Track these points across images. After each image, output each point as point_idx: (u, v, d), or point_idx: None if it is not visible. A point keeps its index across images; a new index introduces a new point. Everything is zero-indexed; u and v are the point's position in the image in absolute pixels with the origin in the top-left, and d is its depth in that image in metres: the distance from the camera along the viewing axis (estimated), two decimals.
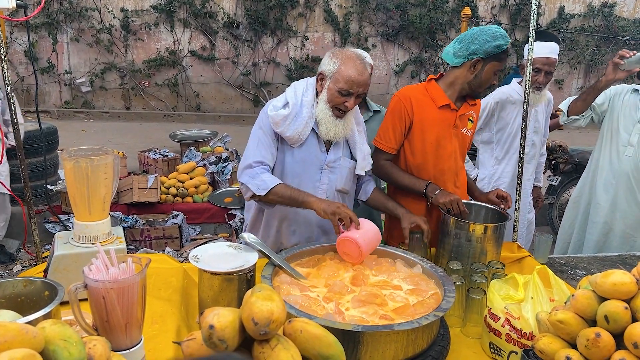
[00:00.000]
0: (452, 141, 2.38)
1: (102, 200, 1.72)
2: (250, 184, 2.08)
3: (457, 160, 2.42)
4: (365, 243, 1.86)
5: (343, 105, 2.08)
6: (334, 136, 2.14)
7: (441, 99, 2.35)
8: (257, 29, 9.70)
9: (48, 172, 4.71)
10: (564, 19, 10.51)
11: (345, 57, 2.07)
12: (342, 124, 2.13)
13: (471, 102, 2.40)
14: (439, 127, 2.35)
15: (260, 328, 1.01)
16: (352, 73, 2.03)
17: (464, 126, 2.40)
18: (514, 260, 2.34)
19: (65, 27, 9.33)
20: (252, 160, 2.13)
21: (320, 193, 2.21)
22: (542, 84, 3.12)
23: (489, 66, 2.27)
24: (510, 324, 1.62)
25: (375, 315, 1.57)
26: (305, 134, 2.15)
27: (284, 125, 2.12)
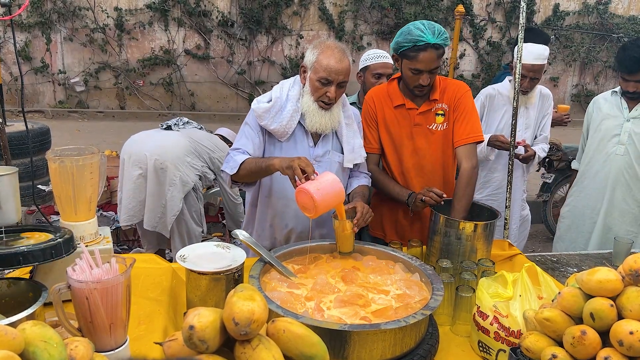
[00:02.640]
0: (414, 139, 2.38)
1: (88, 200, 1.71)
2: (226, 168, 2.14)
3: (425, 158, 2.40)
4: (319, 193, 1.75)
5: (325, 95, 2.08)
6: (319, 127, 2.13)
7: (396, 98, 2.37)
8: (251, 28, 9.68)
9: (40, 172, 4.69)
10: (558, 16, 10.52)
11: (324, 47, 2.08)
12: (328, 116, 2.13)
13: (432, 98, 2.34)
14: (399, 126, 2.38)
15: (241, 328, 1.00)
16: (330, 61, 2.03)
17: (430, 123, 2.37)
18: (505, 258, 2.33)
19: (59, 27, 9.29)
20: (231, 149, 2.18)
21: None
22: (528, 89, 3.14)
23: (403, 63, 2.25)
24: (499, 322, 1.62)
25: (356, 317, 1.56)
26: (291, 127, 2.16)
27: (267, 118, 2.13)
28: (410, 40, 2.15)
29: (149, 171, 3.24)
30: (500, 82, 3.43)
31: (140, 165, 3.26)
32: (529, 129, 3.31)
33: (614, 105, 2.91)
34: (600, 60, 11.04)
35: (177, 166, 3.22)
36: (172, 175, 3.22)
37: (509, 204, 2.62)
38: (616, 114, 2.89)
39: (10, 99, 8.78)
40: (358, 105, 3.12)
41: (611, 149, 2.87)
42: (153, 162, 3.22)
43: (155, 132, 3.53)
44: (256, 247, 1.84)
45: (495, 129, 3.27)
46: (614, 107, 2.91)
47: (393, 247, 2.07)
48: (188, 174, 3.29)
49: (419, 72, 2.20)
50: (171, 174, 3.22)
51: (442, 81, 2.40)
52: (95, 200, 1.74)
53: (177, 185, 3.25)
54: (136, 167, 3.27)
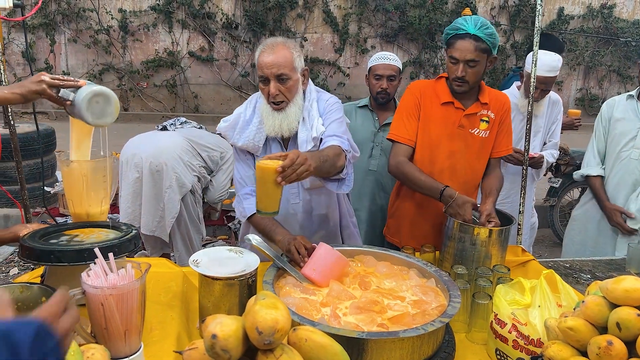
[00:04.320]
0: (453, 141, 2.33)
1: (100, 203, 1.69)
2: (237, 209, 2.16)
3: (459, 162, 2.35)
4: (317, 273, 1.76)
5: (268, 95, 1.99)
6: (273, 130, 2.03)
7: (445, 95, 2.32)
8: (255, 30, 9.67)
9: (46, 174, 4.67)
10: (563, 20, 10.50)
11: (260, 46, 2.00)
12: (280, 117, 2.01)
13: (483, 101, 2.33)
14: (441, 124, 2.33)
15: (265, 337, 0.98)
16: (262, 57, 1.96)
17: (474, 127, 2.33)
18: (518, 264, 2.30)
19: (63, 28, 9.29)
20: (237, 179, 2.18)
21: (292, 197, 2.19)
22: (538, 98, 3.10)
23: (447, 54, 2.27)
24: (517, 330, 1.59)
25: (373, 324, 1.53)
26: (260, 140, 2.09)
27: (232, 136, 2.11)
28: (453, 27, 2.21)
29: (145, 174, 3.18)
30: (508, 87, 3.40)
31: (137, 168, 3.21)
32: (537, 135, 3.27)
33: (629, 108, 2.89)
34: (605, 65, 11.01)
35: (173, 167, 3.16)
36: (169, 177, 3.17)
37: (522, 209, 2.59)
38: (631, 117, 2.86)
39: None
40: (369, 108, 3.10)
41: (626, 153, 2.84)
42: (149, 164, 3.16)
43: (151, 134, 3.47)
44: (269, 252, 1.82)
45: None
46: (629, 111, 2.88)
47: (406, 252, 2.04)
48: (185, 175, 3.23)
49: (456, 62, 2.20)
50: (167, 176, 3.16)
51: (488, 89, 2.39)
52: (108, 203, 1.73)
53: (174, 188, 3.19)
54: (133, 170, 3.22)
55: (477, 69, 2.22)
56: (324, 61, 9.99)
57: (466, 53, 2.17)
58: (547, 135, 3.34)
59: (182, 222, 3.29)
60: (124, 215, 3.31)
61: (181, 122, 3.60)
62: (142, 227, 3.27)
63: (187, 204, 3.28)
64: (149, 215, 3.24)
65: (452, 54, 2.20)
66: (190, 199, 3.30)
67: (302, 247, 1.86)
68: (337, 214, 2.33)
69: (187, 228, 3.30)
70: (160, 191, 3.18)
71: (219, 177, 3.43)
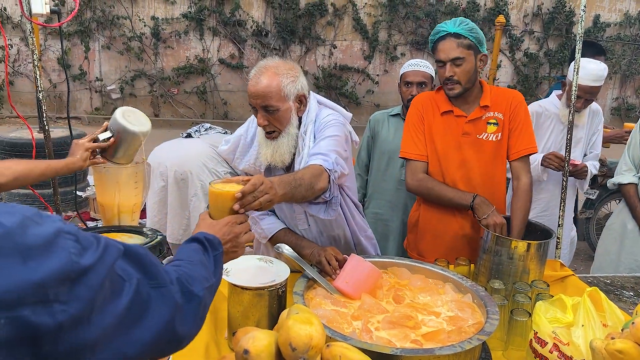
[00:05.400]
0: (462, 150, 2.26)
1: (131, 209, 1.68)
2: (254, 231, 2.08)
3: (473, 170, 2.27)
4: (349, 286, 1.72)
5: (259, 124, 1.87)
6: (265, 160, 1.92)
7: (443, 105, 2.27)
8: (285, 37, 9.71)
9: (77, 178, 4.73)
10: (599, 27, 10.26)
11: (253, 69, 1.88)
12: (272, 146, 1.89)
13: (483, 104, 2.24)
14: (445, 135, 2.27)
15: (299, 354, 0.94)
16: (249, 84, 1.85)
17: (481, 132, 2.25)
18: (557, 279, 2.21)
19: (97, 35, 9.48)
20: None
21: (301, 222, 2.07)
22: (581, 109, 3.00)
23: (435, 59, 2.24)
24: (559, 350, 1.51)
25: (406, 340, 1.47)
26: (262, 165, 1.98)
27: (234, 160, 2.05)
28: (434, 33, 2.19)
29: (170, 183, 3.17)
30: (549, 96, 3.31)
31: (163, 177, 3.20)
32: (578, 146, 3.16)
33: None
34: None
35: (198, 175, 3.14)
36: (194, 185, 3.15)
37: (562, 222, 2.50)
38: None
39: (49, 105, 8.99)
40: (402, 117, 3.03)
41: None
42: (174, 173, 3.15)
43: (176, 142, 3.45)
44: (300, 263, 1.78)
45: (543, 148, 3.13)
46: None
47: (440, 265, 1.98)
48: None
49: (442, 64, 2.16)
50: (193, 184, 3.14)
51: (494, 89, 2.31)
52: (139, 209, 1.72)
53: (199, 196, 3.18)
54: (159, 179, 3.21)
55: (465, 67, 2.15)
56: (353, 68, 9.97)
57: (449, 52, 2.13)
58: (588, 147, 3.23)
59: None
60: (150, 223, 3.31)
61: (206, 129, 3.59)
62: (168, 236, 3.26)
63: None
64: (175, 224, 3.23)
65: (438, 57, 2.17)
66: None
67: (333, 258, 1.82)
68: (349, 232, 2.20)
69: None
70: (186, 199, 3.17)
71: None
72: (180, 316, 0.87)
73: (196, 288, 0.95)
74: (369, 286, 1.75)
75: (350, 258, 1.80)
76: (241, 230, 1.29)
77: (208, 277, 1.04)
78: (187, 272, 0.97)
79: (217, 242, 1.18)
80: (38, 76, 2.03)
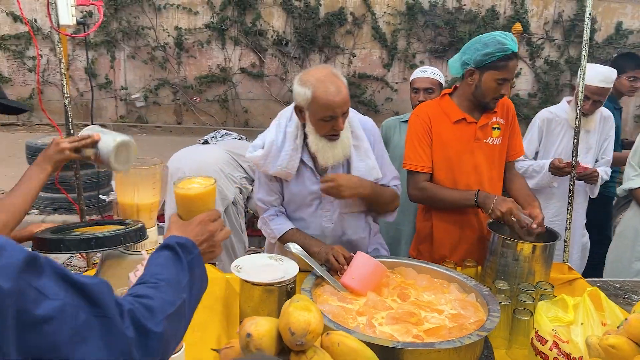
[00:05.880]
0: (474, 155, 2.32)
1: (150, 209, 1.78)
2: (264, 231, 2.18)
3: (483, 174, 2.34)
4: (356, 282, 1.79)
5: (332, 129, 1.96)
6: (334, 161, 2.03)
7: (455, 113, 2.31)
8: (305, 47, 9.84)
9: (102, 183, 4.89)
10: (621, 34, 10.14)
11: (315, 80, 1.90)
12: (339, 146, 2.01)
13: (491, 111, 2.31)
14: (458, 142, 2.31)
15: (297, 338, 1.01)
16: (329, 97, 1.87)
17: (487, 136, 2.33)
18: (564, 282, 2.24)
19: (123, 45, 9.73)
20: (258, 199, 2.19)
21: (325, 220, 2.15)
22: (590, 112, 3.01)
23: (486, 75, 2.18)
24: (559, 347, 1.55)
25: (408, 335, 1.53)
26: (293, 167, 2.06)
27: (264, 165, 2.07)
28: (501, 49, 2.13)
29: None
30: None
31: None
32: (589, 152, 3.18)
33: None
34: None
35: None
36: None
37: (569, 225, 2.52)
38: None
39: (76, 113, 9.25)
40: None
41: None
42: None
43: (194, 148, 3.54)
44: (308, 261, 1.86)
45: (554, 154, 3.15)
46: None
47: (447, 266, 2.03)
48: (227, 187, 3.28)
49: (505, 82, 2.18)
50: None
51: None
52: (157, 209, 1.81)
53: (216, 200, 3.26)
54: None
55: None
56: (372, 76, 10.03)
57: (513, 72, 2.18)
58: (600, 152, 3.23)
59: None
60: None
61: (222, 135, 3.68)
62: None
63: (229, 215, 3.34)
64: None
65: (503, 75, 2.14)
66: (233, 210, 3.35)
67: (341, 255, 1.89)
68: (367, 240, 2.29)
69: (230, 238, 3.36)
70: None
71: None
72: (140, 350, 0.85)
73: (152, 322, 0.88)
74: (375, 282, 1.81)
75: (356, 255, 1.87)
76: (216, 227, 1.20)
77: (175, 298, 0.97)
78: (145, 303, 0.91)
79: (191, 244, 1.10)
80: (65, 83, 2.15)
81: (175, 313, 0.95)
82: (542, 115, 3.20)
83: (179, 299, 0.98)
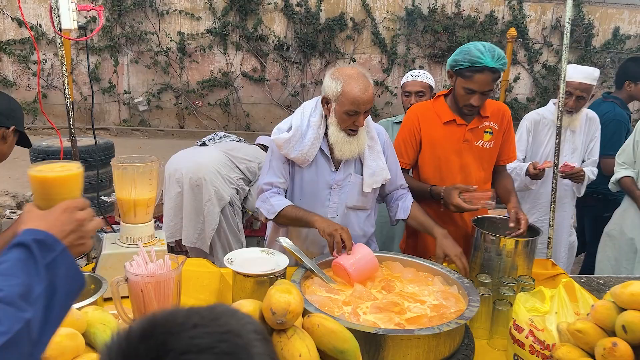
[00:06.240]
0: (462, 156, 2.41)
1: (146, 204, 1.86)
2: (262, 208, 2.19)
3: (470, 174, 2.42)
4: (354, 270, 1.86)
5: (353, 125, 2.08)
6: (349, 155, 2.14)
7: (445, 115, 2.39)
8: (306, 51, 9.95)
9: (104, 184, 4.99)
10: (619, 39, 10.22)
11: (346, 76, 2.03)
12: (356, 142, 2.13)
13: (484, 114, 2.38)
14: (447, 142, 2.40)
15: (277, 317, 1.09)
16: (356, 92, 2.00)
17: (478, 139, 2.40)
18: (547, 277, 2.32)
19: (126, 50, 9.86)
20: (263, 183, 2.23)
21: (331, 211, 2.23)
22: (573, 108, 3.08)
23: (458, 81, 2.27)
24: (534, 335, 1.63)
25: (390, 322, 1.61)
26: (312, 155, 2.16)
27: (287, 147, 2.14)
28: (469, 60, 2.18)
29: (186, 189, 3.30)
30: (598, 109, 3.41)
31: (179, 184, 3.33)
32: (575, 152, 3.25)
33: None
34: None
35: (212, 181, 3.26)
36: (208, 191, 3.27)
37: (552, 222, 2.60)
38: None
39: (80, 117, 9.37)
40: None
41: None
42: (189, 179, 3.28)
43: (192, 149, 3.59)
44: (298, 254, 1.93)
45: (541, 155, 3.23)
46: None
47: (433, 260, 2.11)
48: (223, 188, 3.32)
49: (472, 92, 2.23)
50: (207, 190, 3.27)
51: (490, 101, 2.44)
52: (153, 204, 1.89)
53: (213, 201, 3.28)
54: (175, 185, 3.34)
55: (490, 95, 2.29)
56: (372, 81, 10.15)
57: (484, 86, 2.20)
58: (586, 153, 3.31)
59: (222, 233, 3.42)
60: (166, 228, 3.43)
61: (220, 137, 3.73)
62: (183, 239, 3.39)
63: (226, 215, 3.40)
64: (190, 228, 3.37)
65: (469, 86, 2.21)
66: (229, 211, 3.41)
67: (349, 239, 1.94)
68: (365, 240, 2.35)
69: (227, 238, 3.43)
70: (200, 205, 3.30)
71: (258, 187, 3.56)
72: None
73: None
74: (367, 277, 1.90)
75: (360, 246, 1.95)
76: (84, 216, 1.00)
77: (11, 323, 0.77)
78: None
79: (52, 240, 0.90)
80: (66, 84, 2.24)
81: (9, 343, 0.75)
82: (530, 117, 3.28)
83: (19, 322, 0.77)
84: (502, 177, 2.54)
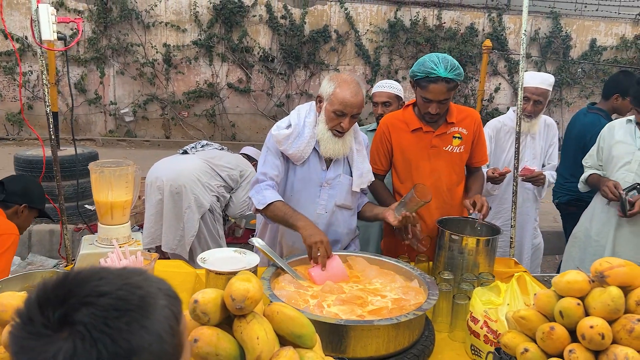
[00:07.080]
0: (432, 161, 2.53)
1: (123, 206, 1.95)
2: (254, 198, 2.27)
3: (440, 178, 2.54)
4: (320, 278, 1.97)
5: (339, 125, 2.22)
6: (332, 154, 2.28)
7: (413, 123, 2.52)
8: (290, 63, 10.08)
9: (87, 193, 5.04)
10: (595, 51, 10.49)
11: (340, 80, 2.22)
12: (340, 143, 2.27)
13: (450, 120, 2.50)
14: (416, 148, 2.53)
15: (237, 303, 1.18)
16: (346, 95, 2.16)
17: (447, 144, 2.52)
18: (510, 275, 2.42)
19: (112, 62, 9.93)
20: (259, 173, 2.33)
21: (320, 208, 2.36)
22: (532, 113, 3.21)
23: (417, 91, 2.42)
24: (488, 326, 1.74)
25: (352, 314, 1.71)
26: (307, 152, 2.31)
27: (286, 143, 2.28)
28: (423, 71, 2.32)
29: (166, 196, 3.38)
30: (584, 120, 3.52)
31: (159, 191, 3.41)
32: (536, 159, 3.37)
33: (628, 132, 2.90)
34: None
35: (192, 189, 3.34)
36: (188, 198, 3.34)
37: (514, 223, 2.72)
38: (629, 141, 2.88)
39: (66, 127, 9.38)
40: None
41: (620, 176, 2.86)
42: (169, 187, 3.36)
43: (172, 158, 3.66)
44: (270, 254, 2.03)
45: (503, 161, 3.34)
46: (627, 135, 2.89)
47: (402, 260, 2.21)
48: (203, 195, 3.40)
49: (429, 101, 2.37)
50: (186, 197, 3.34)
51: (456, 106, 2.57)
52: (129, 207, 1.98)
53: (192, 208, 3.36)
54: (156, 193, 3.42)
55: (447, 104, 2.42)
56: None
57: (439, 95, 2.34)
58: (546, 158, 3.44)
59: (202, 239, 3.49)
60: (147, 234, 3.49)
61: (202, 145, 3.81)
62: (163, 245, 3.45)
63: (206, 222, 3.47)
64: (169, 234, 3.44)
65: (425, 95, 2.35)
66: (210, 218, 3.48)
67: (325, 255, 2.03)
68: (349, 239, 2.51)
69: (208, 245, 3.49)
70: (180, 211, 3.37)
71: (239, 194, 3.64)
72: None
73: None
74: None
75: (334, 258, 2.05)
76: None
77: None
78: None
79: None
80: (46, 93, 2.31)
81: None
82: (492, 124, 3.41)
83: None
84: (472, 177, 2.66)
